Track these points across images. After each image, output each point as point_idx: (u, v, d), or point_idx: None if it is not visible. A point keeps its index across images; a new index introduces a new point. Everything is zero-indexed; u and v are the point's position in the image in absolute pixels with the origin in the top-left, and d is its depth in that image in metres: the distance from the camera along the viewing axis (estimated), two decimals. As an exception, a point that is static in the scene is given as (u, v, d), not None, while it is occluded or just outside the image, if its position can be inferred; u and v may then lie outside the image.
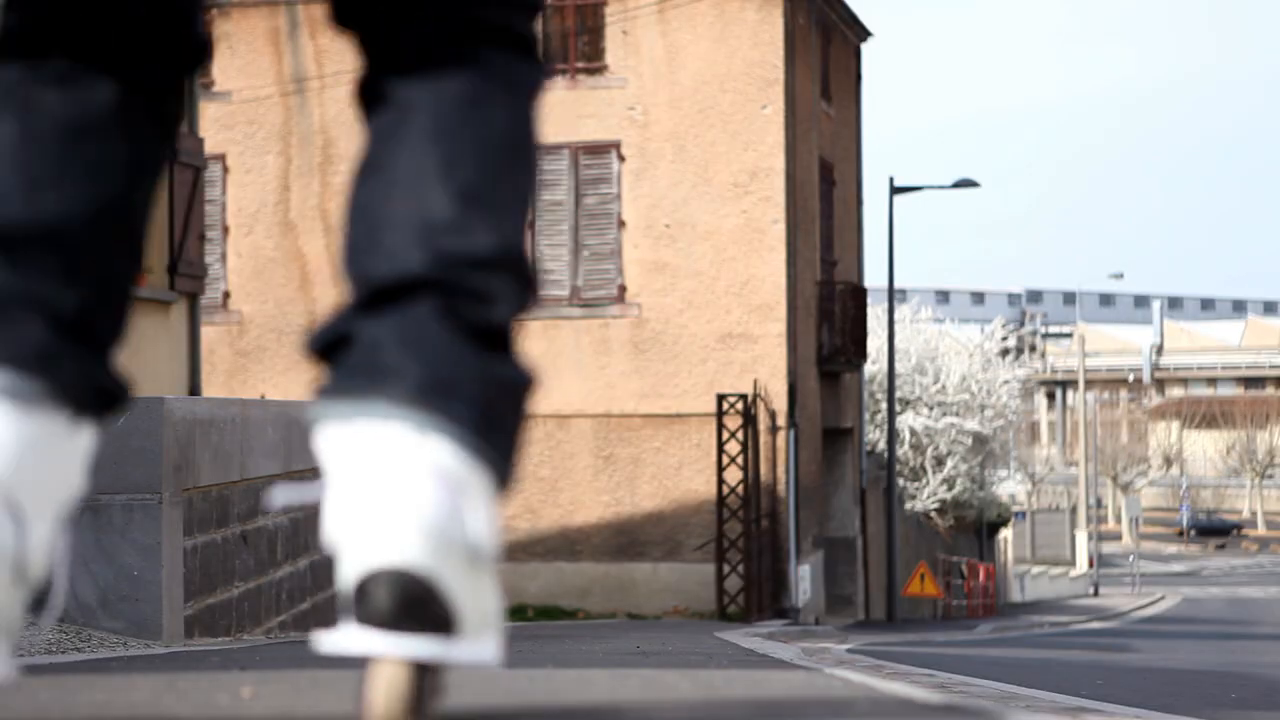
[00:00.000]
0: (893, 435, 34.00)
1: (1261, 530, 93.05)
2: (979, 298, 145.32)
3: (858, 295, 31.21)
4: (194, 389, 17.50)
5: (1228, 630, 30.14)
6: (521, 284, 1.93)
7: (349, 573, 1.76)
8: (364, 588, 1.74)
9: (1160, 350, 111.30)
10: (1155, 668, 13.19)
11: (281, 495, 1.84)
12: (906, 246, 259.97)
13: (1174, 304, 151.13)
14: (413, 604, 1.73)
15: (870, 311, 40.38)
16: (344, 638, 1.74)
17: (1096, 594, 56.90)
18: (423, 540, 1.73)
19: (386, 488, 1.74)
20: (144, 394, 13.11)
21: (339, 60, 27.79)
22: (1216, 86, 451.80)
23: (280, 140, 28.18)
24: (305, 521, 10.57)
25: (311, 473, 9.41)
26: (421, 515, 1.74)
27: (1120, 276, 76.83)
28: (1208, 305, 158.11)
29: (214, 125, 27.58)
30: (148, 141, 1.96)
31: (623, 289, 27.14)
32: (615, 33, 27.26)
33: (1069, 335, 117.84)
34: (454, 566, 1.74)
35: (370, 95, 1.96)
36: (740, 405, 26.34)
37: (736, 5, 27.00)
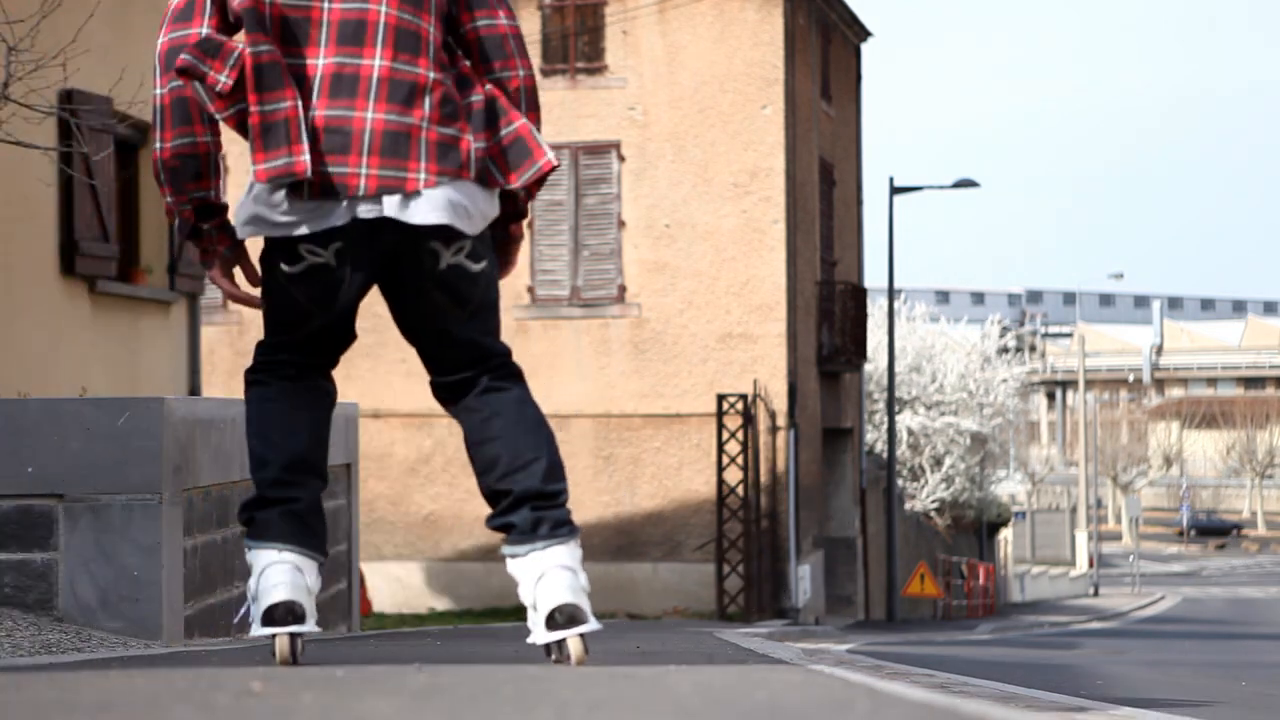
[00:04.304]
0: (893, 435, 33.99)
1: (1261, 530, 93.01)
2: (979, 298, 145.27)
3: (858, 295, 31.21)
4: (194, 389, 17.49)
5: (1228, 630, 30.15)
6: (564, 480, 4.43)
7: None
8: None
9: (1160, 350, 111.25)
10: (1155, 668, 13.19)
11: None
12: (906, 246, 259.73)
13: (1174, 304, 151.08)
14: None
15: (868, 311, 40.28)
16: None
17: (1096, 594, 56.90)
18: None
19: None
20: (144, 394, 13.11)
21: (339, 60, 27.79)
22: (1217, 86, 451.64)
23: (280, 140, 28.16)
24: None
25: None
26: None
27: (1120, 276, 76.88)
28: (1208, 305, 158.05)
29: (214, 125, 27.58)
30: (332, 399, 4.58)
31: (623, 289, 27.14)
32: (615, 33, 27.26)
33: (1069, 335, 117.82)
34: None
35: (459, 397, 4.47)
36: (740, 405, 26.33)
37: (736, 5, 27.00)
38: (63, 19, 11.47)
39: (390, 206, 4.16)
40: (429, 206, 4.16)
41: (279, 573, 4.28)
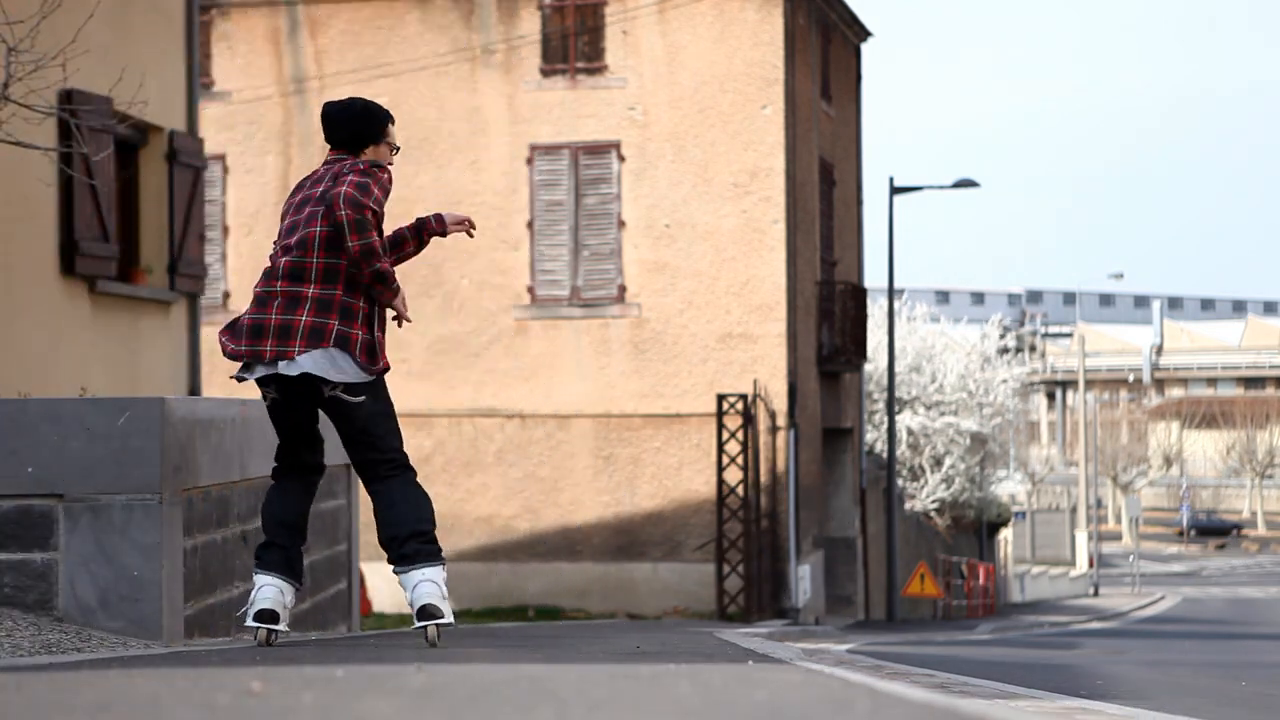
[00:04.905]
0: (893, 435, 33.98)
1: (1261, 530, 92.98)
2: (979, 298, 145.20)
3: (858, 295, 31.20)
4: (194, 389, 17.50)
5: (1228, 630, 30.14)
6: (433, 526, 7.40)
7: None
8: None
9: (1160, 350, 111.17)
10: (1155, 668, 13.19)
11: None
12: (906, 246, 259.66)
13: (1174, 304, 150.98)
14: None
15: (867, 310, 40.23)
16: None
17: (1096, 594, 56.89)
18: None
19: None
20: (144, 394, 13.09)
21: (339, 60, 27.78)
22: (1217, 86, 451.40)
23: (280, 140, 28.17)
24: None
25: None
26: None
27: (1120, 276, 76.83)
28: (1208, 305, 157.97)
29: (214, 125, 27.57)
30: (311, 490, 7.55)
31: (623, 289, 27.13)
32: (615, 33, 27.26)
33: (1069, 335, 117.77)
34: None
35: (366, 482, 7.37)
36: (740, 405, 26.33)
37: (736, 5, 27.00)
38: (63, 19, 11.46)
39: (282, 366, 7.09)
40: (297, 367, 7.04)
41: (269, 590, 7.19)
